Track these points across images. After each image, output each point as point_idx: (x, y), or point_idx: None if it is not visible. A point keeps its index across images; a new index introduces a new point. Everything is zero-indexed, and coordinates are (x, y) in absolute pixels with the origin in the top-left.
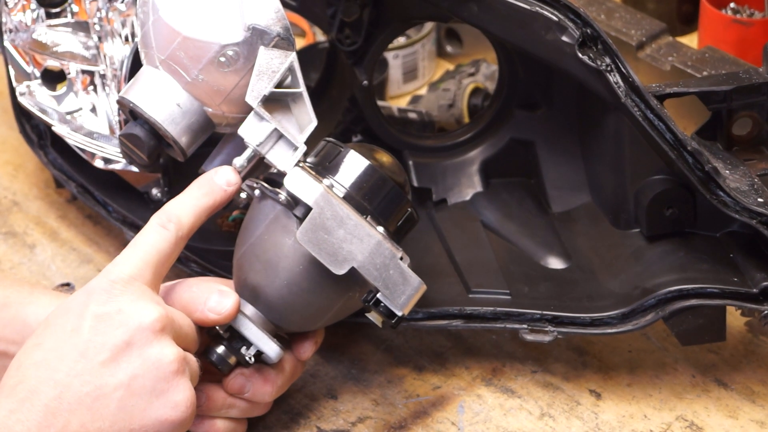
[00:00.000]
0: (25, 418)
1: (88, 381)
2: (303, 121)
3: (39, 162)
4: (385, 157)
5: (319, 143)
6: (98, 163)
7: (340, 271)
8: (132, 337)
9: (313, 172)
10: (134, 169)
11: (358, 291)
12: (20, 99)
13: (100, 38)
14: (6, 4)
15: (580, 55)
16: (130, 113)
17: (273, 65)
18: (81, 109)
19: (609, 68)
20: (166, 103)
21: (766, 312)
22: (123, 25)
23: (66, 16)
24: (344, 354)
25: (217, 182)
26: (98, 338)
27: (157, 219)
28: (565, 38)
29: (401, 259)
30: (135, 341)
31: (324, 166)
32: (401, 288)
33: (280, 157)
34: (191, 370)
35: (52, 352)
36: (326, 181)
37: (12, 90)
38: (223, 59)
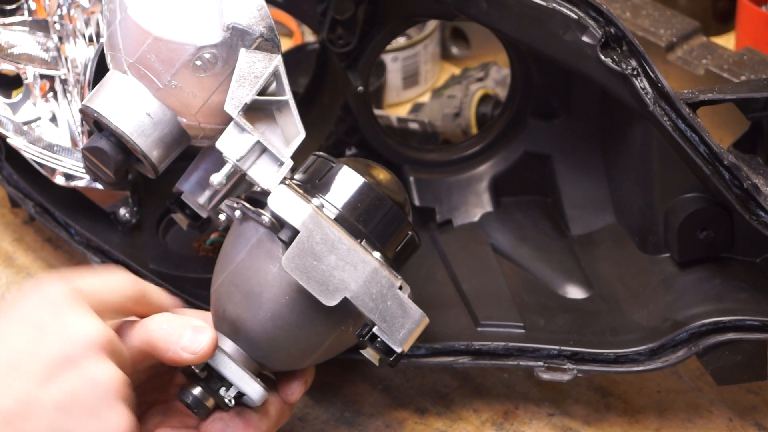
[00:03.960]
0: None
1: (18, 398)
2: (289, 132)
3: None
4: (382, 174)
5: (308, 158)
6: (59, 180)
7: (332, 302)
8: (73, 351)
9: (301, 191)
10: (99, 186)
11: (352, 324)
12: None
13: (60, 39)
14: None
15: (602, 57)
16: (95, 124)
17: (255, 70)
18: (39, 118)
19: (635, 72)
20: (135, 113)
21: None
22: (87, 24)
23: (22, 14)
24: (337, 395)
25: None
26: (33, 349)
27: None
28: (585, 38)
29: (400, 288)
30: (76, 356)
31: (313, 184)
32: (400, 321)
33: (264, 174)
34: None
35: None
36: (316, 201)
37: None
38: (199, 63)
